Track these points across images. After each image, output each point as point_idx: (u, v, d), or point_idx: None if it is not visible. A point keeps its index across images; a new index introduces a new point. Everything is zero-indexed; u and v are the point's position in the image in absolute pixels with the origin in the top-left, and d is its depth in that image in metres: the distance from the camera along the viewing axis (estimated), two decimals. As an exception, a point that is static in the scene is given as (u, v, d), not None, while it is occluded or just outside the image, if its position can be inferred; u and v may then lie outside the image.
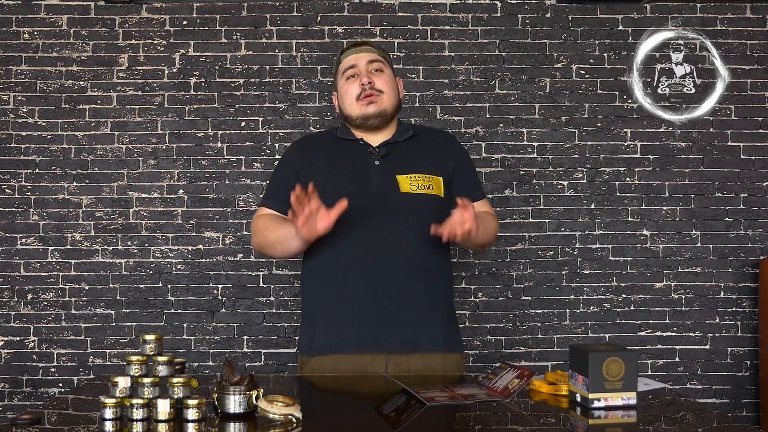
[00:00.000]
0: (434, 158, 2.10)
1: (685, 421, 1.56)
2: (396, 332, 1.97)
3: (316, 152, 2.14)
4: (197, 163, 3.08)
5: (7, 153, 3.06)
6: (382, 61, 2.15)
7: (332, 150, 2.12)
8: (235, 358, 3.03)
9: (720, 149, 3.12)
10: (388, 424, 1.52)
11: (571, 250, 3.11)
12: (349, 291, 1.99)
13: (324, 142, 2.18)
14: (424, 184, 2.04)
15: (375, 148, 2.08)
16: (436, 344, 2.04)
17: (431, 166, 2.08)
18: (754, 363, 3.09)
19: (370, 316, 1.97)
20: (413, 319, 1.99)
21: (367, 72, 2.10)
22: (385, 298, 1.97)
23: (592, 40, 3.13)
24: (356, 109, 2.08)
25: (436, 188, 2.05)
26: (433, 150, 2.13)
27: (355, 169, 2.05)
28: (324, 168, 2.07)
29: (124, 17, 3.08)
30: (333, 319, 2.02)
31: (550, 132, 3.12)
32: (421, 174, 2.05)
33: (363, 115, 2.07)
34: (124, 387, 1.50)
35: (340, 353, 1.99)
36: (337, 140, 2.13)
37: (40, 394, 3.02)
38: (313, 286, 2.09)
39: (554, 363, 3.08)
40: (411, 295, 1.99)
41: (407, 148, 2.10)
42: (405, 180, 2.03)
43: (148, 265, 3.06)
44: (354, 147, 2.10)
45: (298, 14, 3.10)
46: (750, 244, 3.12)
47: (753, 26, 3.12)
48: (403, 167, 2.05)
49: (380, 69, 2.12)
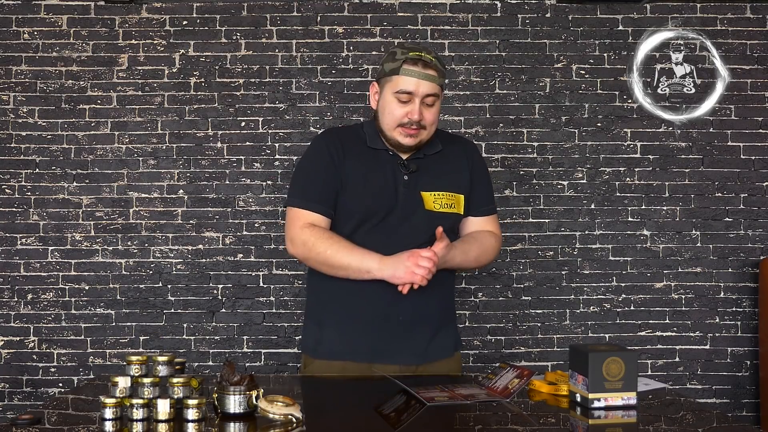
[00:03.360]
0: (457, 175, 2.08)
1: (685, 421, 1.56)
2: (408, 345, 1.98)
3: (348, 155, 2.04)
4: (197, 163, 3.08)
5: (7, 153, 3.06)
6: (438, 95, 2.00)
7: (364, 156, 2.04)
8: (235, 358, 3.03)
9: (720, 149, 3.12)
10: (388, 424, 1.52)
11: (571, 250, 3.11)
12: (365, 302, 1.97)
13: (354, 144, 2.07)
14: (447, 202, 2.03)
15: (405, 161, 2.03)
16: (444, 351, 2.05)
17: (454, 185, 2.06)
18: (754, 363, 3.09)
19: (385, 329, 1.97)
20: (426, 332, 2.01)
21: (421, 105, 1.96)
22: (400, 312, 1.97)
23: (592, 40, 3.13)
24: (395, 134, 1.99)
25: (457, 207, 2.06)
26: (455, 167, 2.10)
27: (385, 182, 2.00)
28: (357, 174, 2.01)
29: (124, 17, 3.08)
30: (345, 328, 2.00)
31: (550, 132, 3.12)
32: (444, 192, 2.04)
33: (399, 143, 2.00)
34: (124, 387, 1.50)
35: (349, 361, 1.98)
36: (367, 148, 2.05)
37: (40, 394, 3.02)
38: (323, 289, 2.06)
39: (554, 363, 3.08)
40: (425, 310, 1.99)
41: (434, 164, 2.06)
42: (429, 197, 2.02)
43: (148, 265, 3.06)
44: (385, 158, 2.04)
45: (298, 14, 3.10)
46: (750, 244, 3.12)
47: (753, 26, 3.12)
48: (429, 184, 2.03)
49: (433, 103, 1.99)
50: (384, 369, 1.94)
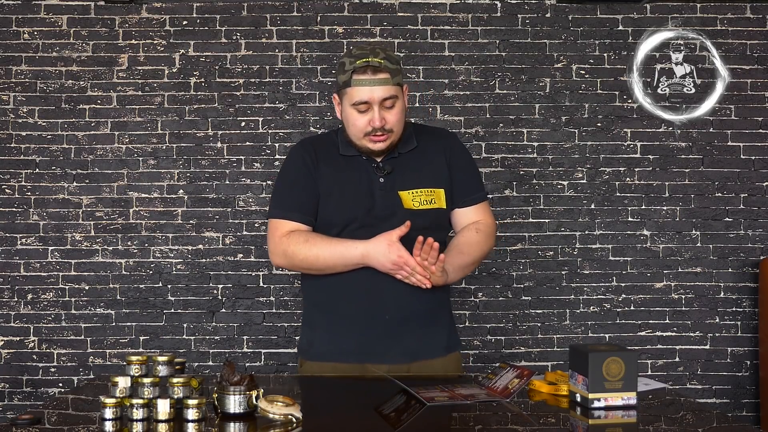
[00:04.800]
0: (435, 169, 2.06)
1: (685, 421, 1.56)
2: (396, 345, 1.97)
3: (322, 163, 2.04)
4: (197, 163, 3.08)
5: (7, 153, 3.06)
6: (396, 95, 1.95)
7: (338, 164, 2.04)
8: (235, 358, 3.03)
9: (720, 149, 3.12)
10: (388, 424, 1.52)
11: (571, 250, 3.11)
12: (351, 303, 1.98)
13: (328, 152, 2.07)
14: (426, 199, 2.01)
15: (379, 163, 2.02)
16: (437, 350, 2.04)
17: (432, 180, 2.04)
18: (754, 363, 3.09)
19: (372, 329, 1.97)
20: (414, 330, 1.99)
21: (380, 110, 1.92)
22: (387, 311, 1.96)
23: (592, 40, 3.13)
24: (363, 142, 1.97)
25: (438, 201, 2.03)
26: (433, 160, 2.08)
27: (360, 186, 1.99)
28: (330, 181, 2.01)
29: (124, 17, 3.08)
30: (334, 329, 2.01)
31: (550, 132, 3.12)
32: (423, 189, 2.02)
33: (369, 150, 1.99)
34: (124, 387, 1.50)
35: (338, 362, 1.98)
36: (339, 153, 2.05)
37: (40, 394, 3.02)
38: (315, 292, 2.07)
39: (554, 363, 3.08)
40: (412, 308, 1.98)
41: (410, 162, 2.04)
42: (408, 196, 2.00)
43: (148, 265, 3.06)
44: (358, 163, 2.03)
45: (298, 14, 3.10)
46: (750, 244, 3.12)
47: (753, 26, 3.12)
48: (406, 183, 2.01)
49: (393, 105, 1.95)
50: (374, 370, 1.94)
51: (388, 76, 1.92)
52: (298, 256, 1.95)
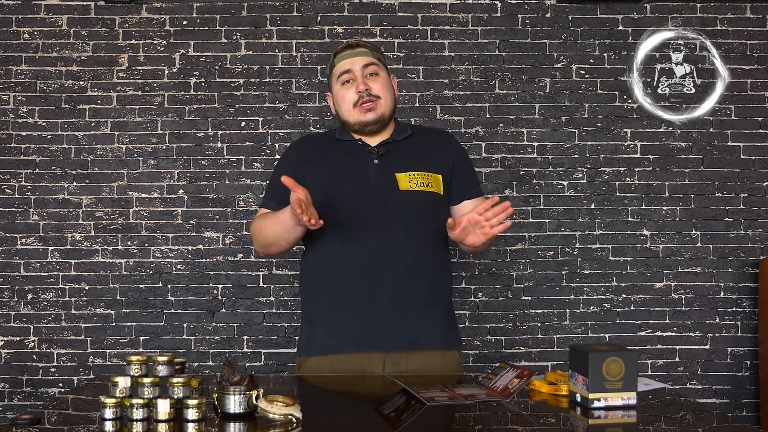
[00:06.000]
0: (433, 156, 2.11)
1: (685, 421, 1.56)
2: (395, 330, 1.98)
3: (315, 152, 2.14)
4: (197, 163, 3.08)
5: (7, 153, 3.06)
6: (377, 63, 2.11)
7: (331, 150, 2.12)
8: (235, 358, 3.03)
9: (720, 149, 3.12)
10: (388, 424, 1.52)
11: (571, 250, 3.11)
12: (348, 290, 1.99)
13: (323, 143, 2.18)
14: (423, 181, 2.05)
15: (374, 147, 2.09)
16: (435, 342, 2.04)
17: (430, 164, 2.08)
18: (754, 363, 3.09)
19: (369, 315, 1.97)
20: (412, 317, 2.00)
21: (363, 78, 2.07)
22: (384, 296, 1.97)
23: (592, 40, 3.13)
24: (354, 115, 2.07)
25: (435, 186, 2.06)
26: (431, 148, 2.13)
27: (354, 169, 2.06)
28: (323, 168, 2.08)
29: (124, 17, 3.08)
30: (332, 320, 2.02)
31: (550, 132, 3.12)
32: (420, 171, 2.06)
33: (361, 122, 2.07)
34: (124, 387, 1.50)
35: (338, 353, 1.99)
36: (335, 141, 2.14)
37: (40, 394, 3.02)
38: (312, 287, 2.09)
39: (554, 363, 3.08)
40: (410, 292, 1.99)
41: (405, 147, 2.11)
42: (404, 178, 2.03)
43: (148, 265, 3.06)
44: (353, 147, 2.11)
45: (298, 14, 3.10)
46: (750, 244, 3.12)
47: (753, 26, 3.12)
48: (402, 165, 2.06)
49: (376, 72, 2.09)
50: (373, 357, 1.94)
51: (367, 49, 2.12)
52: (255, 232, 2.10)
